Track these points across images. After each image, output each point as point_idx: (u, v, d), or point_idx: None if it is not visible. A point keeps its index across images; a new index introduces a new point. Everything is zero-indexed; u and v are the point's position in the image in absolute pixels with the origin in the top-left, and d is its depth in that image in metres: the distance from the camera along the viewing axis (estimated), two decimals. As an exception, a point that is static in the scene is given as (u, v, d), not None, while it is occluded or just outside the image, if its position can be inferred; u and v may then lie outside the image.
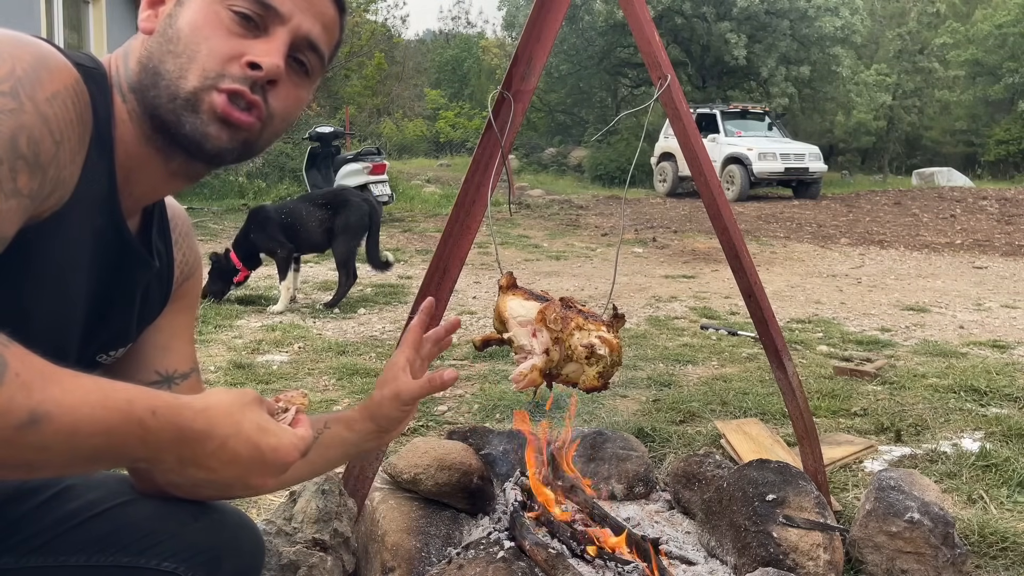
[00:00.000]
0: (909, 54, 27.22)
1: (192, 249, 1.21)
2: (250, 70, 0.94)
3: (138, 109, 0.96)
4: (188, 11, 0.96)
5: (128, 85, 0.96)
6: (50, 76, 0.81)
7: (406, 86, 34.96)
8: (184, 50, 0.94)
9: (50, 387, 0.68)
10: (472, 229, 1.80)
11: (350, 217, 5.85)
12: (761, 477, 2.06)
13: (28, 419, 0.66)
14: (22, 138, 0.77)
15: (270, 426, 0.84)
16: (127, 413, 0.72)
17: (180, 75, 0.94)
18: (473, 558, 1.81)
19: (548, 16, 1.76)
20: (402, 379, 1.22)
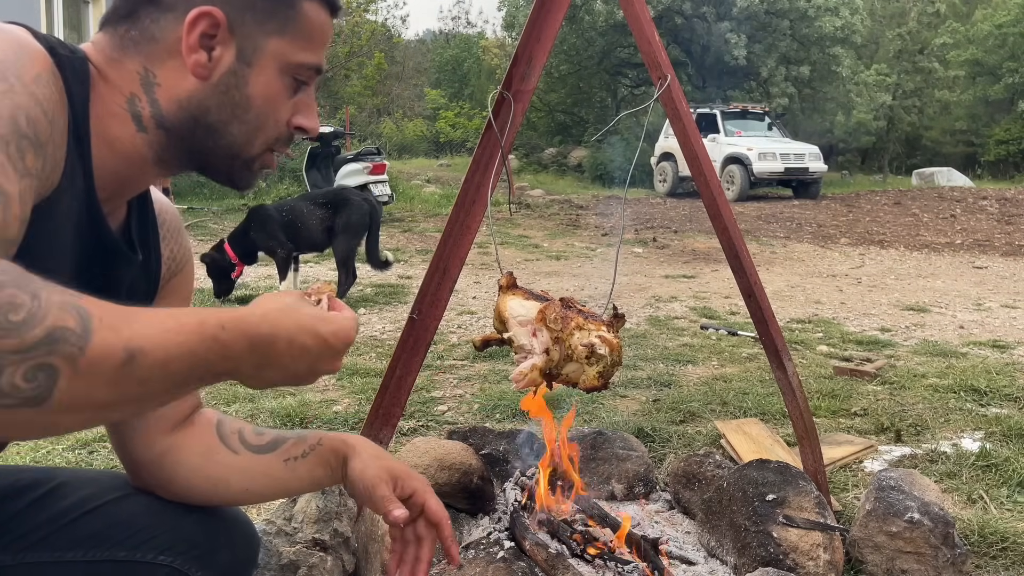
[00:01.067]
0: (909, 54, 27.21)
1: (181, 245, 1.19)
2: (296, 131, 1.00)
3: (165, 143, 0.95)
4: (260, 81, 0.95)
5: (155, 120, 0.93)
6: (31, 59, 0.81)
7: (406, 86, 34.96)
8: (253, 119, 0.96)
9: (133, 324, 0.70)
10: (472, 229, 1.80)
11: (351, 216, 5.84)
12: (761, 477, 2.06)
13: (126, 357, 0.69)
14: (21, 117, 0.77)
15: (325, 314, 0.86)
16: (202, 333, 0.75)
17: (247, 141, 0.97)
18: (473, 558, 1.81)
19: (548, 16, 1.76)
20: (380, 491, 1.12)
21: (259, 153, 0.99)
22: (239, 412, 3.20)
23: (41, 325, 0.64)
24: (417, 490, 1.14)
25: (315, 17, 0.98)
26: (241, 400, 3.41)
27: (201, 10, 0.91)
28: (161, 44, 0.92)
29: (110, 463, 2.65)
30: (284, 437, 1.18)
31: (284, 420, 3.14)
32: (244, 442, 1.16)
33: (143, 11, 0.93)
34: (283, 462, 1.15)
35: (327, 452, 1.16)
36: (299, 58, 0.97)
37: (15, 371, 0.63)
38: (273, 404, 3.32)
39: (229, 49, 0.93)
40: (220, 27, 0.92)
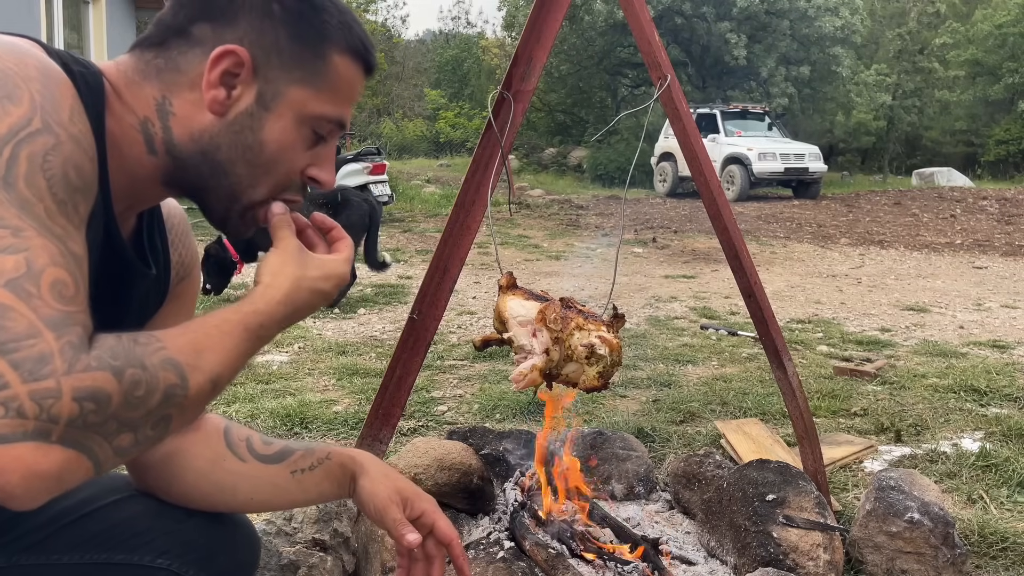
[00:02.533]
0: (909, 54, 27.20)
1: (189, 249, 1.19)
2: (310, 181, 1.00)
3: (172, 170, 0.94)
4: (276, 127, 0.94)
5: (165, 145, 0.93)
6: (60, 91, 0.80)
7: (406, 86, 34.96)
8: (263, 163, 0.95)
9: (205, 355, 0.82)
10: (472, 229, 1.80)
11: (351, 216, 5.84)
12: (761, 477, 2.06)
13: (212, 387, 0.83)
14: (71, 171, 0.77)
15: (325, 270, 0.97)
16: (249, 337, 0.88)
17: (251, 184, 0.96)
18: (473, 558, 1.81)
19: (548, 16, 1.76)
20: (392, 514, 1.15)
21: (262, 200, 0.98)
22: (239, 412, 3.20)
23: (157, 391, 0.77)
24: (426, 511, 1.16)
25: (344, 72, 0.96)
26: (241, 400, 3.41)
27: (227, 48, 0.90)
28: (183, 75, 0.92)
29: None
30: (292, 449, 1.18)
31: (284, 420, 3.14)
32: (252, 451, 1.17)
33: (173, 42, 0.93)
34: (290, 473, 1.16)
35: (335, 467, 1.17)
36: (320, 110, 0.95)
37: (144, 428, 0.78)
38: (273, 404, 3.32)
39: (250, 90, 0.92)
40: (244, 67, 0.91)
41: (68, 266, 0.75)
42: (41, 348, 0.69)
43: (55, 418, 0.69)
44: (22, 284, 0.70)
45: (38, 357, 0.69)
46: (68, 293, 0.73)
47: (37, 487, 0.70)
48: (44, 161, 0.75)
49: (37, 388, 0.68)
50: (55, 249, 0.74)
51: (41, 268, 0.72)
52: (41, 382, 0.68)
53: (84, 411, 0.71)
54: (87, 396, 0.71)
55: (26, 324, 0.69)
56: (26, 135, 0.74)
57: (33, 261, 0.71)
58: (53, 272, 0.73)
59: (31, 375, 0.68)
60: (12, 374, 0.68)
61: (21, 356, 0.68)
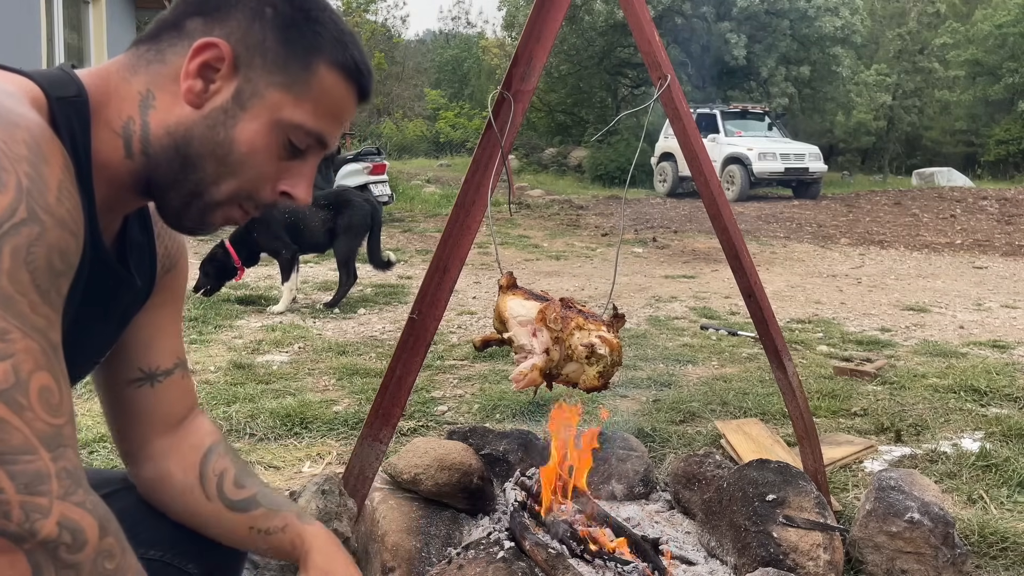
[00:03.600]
0: (909, 54, 27.21)
1: (175, 241, 1.18)
2: (280, 196, 0.98)
3: (143, 170, 0.93)
4: (249, 127, 0.92)
5: (141, 144, 0.92)
6: (48, 164, 0.78)
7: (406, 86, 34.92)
8: (231, 162, 0.93)
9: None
10: (472, 229, 1.80)
11: (353, 217, 5.86)
12: (761, 477, 2.06)
13: None
14: (55, 258, 0.77)
15: None
16: None
17: (214, 181, 0.94)
18: (473, 558, 1.81)
19: (548, 16, 1.76)
20: None
21: (222, 201, 0.95)
22: (239, 412, 3.20)
23: None
24: None
25: (330, 87, 0.95)
26: (241, 400, 3.41)
27: (209, 40, 0.90)
28: (169, 67, 0.92)
29: (110, 463, 2.65)
30: (257, 503, 1.17)
31: (284, 420, 3.14)
32: (220, 491, 1.16)
33: (165, 34, 0.93)
34: (248, 528, 1.16)
35: (285, 543, 1.17)
36: (298, 119, 0.94)
37: None
38: (273, 404, 3.32)
39: (229, 86, 0.92)
40: (224, 62, 0.91)
41: (51, 366, 0.77)
42: (38, 466, 0.73)
43: (34, 532, 0.73)
44: (13, 396, 0.72)
45: (35, 473, 0.73)
46: (54, 401, 0.76)
47: None
48: (28, 254, 0.74)
49: (29, 501, 0.72)
50: (38, 349, 0.75)
51: (28, 375, 0.74)
52: (35, 497, 0.73)
53: (61, 539, 0.74)
54: (70, 528, 0.75)
55: (21, 439, 0.72)
56: (10, 227, 0.73)
57: (20, 368, 0.73)
58: (39, 379, 0.75)
59: (27, 488, 0.72)
60: (8, 483, 0.71)
61: (19, 469, 0.72)
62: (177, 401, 1.18)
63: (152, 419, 1.16)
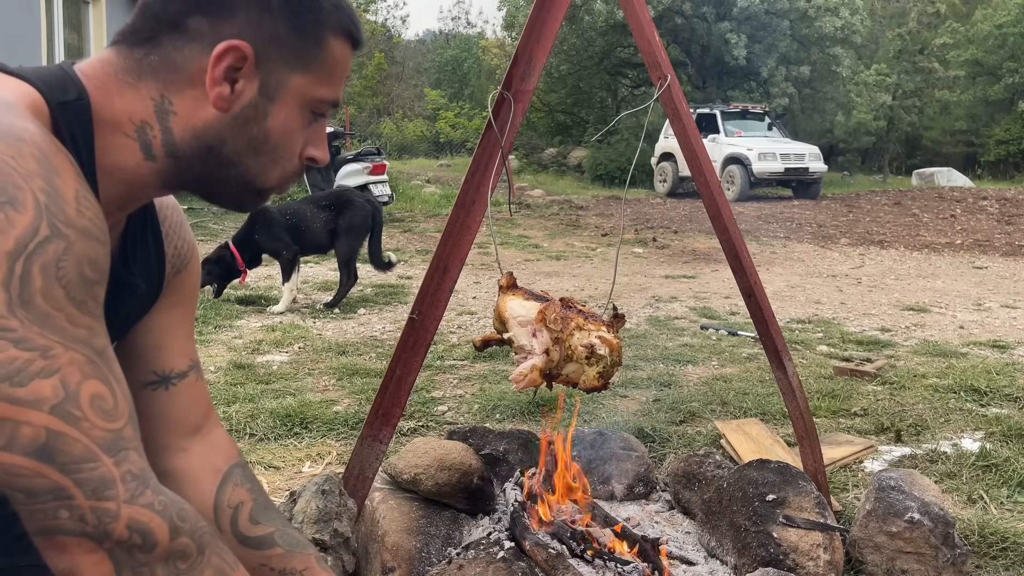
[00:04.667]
0: (909, 54, 27.18)
1: (185, 240, 1.16)
2: (308, 161, 1.01)
3: (173, 171, 0.94)
4: (280, 115, 0.94)
5: (165, 148, 0.92)
6: (60, 176, 0.77)
7: (406, 86, 34.93)
8: (271, 151, 0.96)
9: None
10: (472, 229, 1.80)
11: (354, 218, 5.87)
12: (761, 477, 2.06)
13: None
14: (86, 269, 0.77)
15: None
16: None
17: (261, 173, 0.97)
18: (473, 558, 1.81)
19: (548, 16, 1.76)
20: None
21: (275, 186, 1.00)
22: (239, 412, 3.20)
23: (207, 570, 0.82)
24: None
25: (338, 54, 0.97)
26: (241, 400, 3.41)
27: (230, 44, 0.89)
28: (182, 73, 0.91)
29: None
30: (275, 541, 1.15)
31: (284, 420, 3.14)
32: (234, 524, 1.15)
33: (166, 37, 0.91)
34: (260, 565, 1.14)
35: None
36: (320, 94, 0.96)
37: None
38: (273, 404, 3.32)
39: (252, 83, 0.92)
40: (247, 61, 0.91)
41: (99, 373, 0.77)
42: (102, 472, 0.74)
43: (108, 533, 0.75)
44: (66, 409, 0.73)
45: (100, 479, 0.74)
46: (108, 406, 0.76)
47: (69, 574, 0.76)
48: (58, 270, 0.74)
49: (98, 506, 0.74)
50: (83, 359, 0.75)
51: (77, 387, 0.74)
52: (103, 502, 0.74)
53: (132, 540, 0.76)
54: (139, 529, 0.76)
55: (82, 448, 0.73)
56: (35, 246, 0.72)
57: (68, 382, 0.73)
58: (88, 387, 0.75)
59: (94, 494, 0.74)
60: (76, 490, 0.73)
61: (84, 477, 0.73)
62: (193, 405, 1.17)
63: (168, 424, 1.14)
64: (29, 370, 0.71)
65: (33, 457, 0.71)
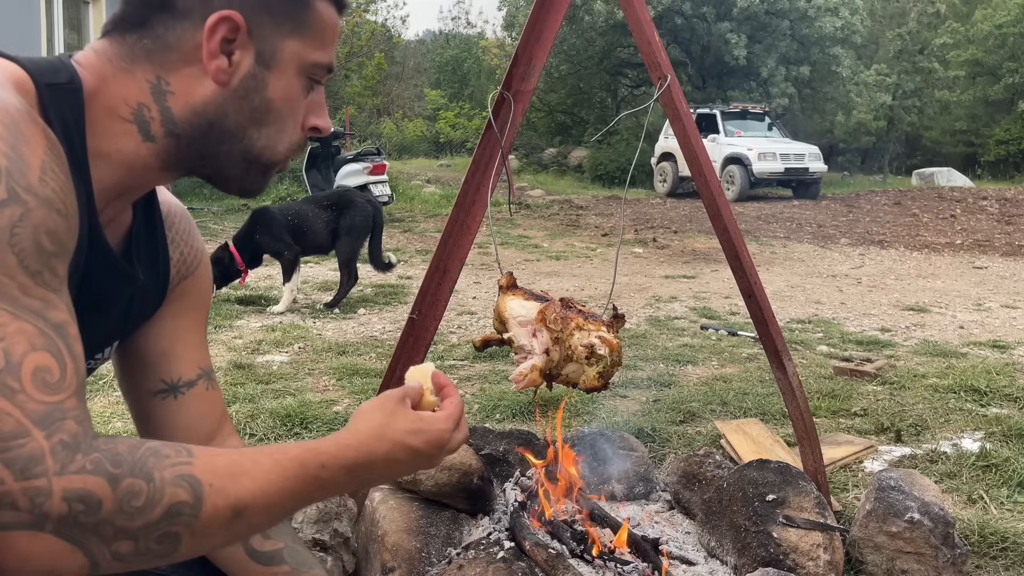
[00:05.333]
0: (909, 54, 27.18)
1: (192, 247, 1.15)
2: (311, 131, 1.00)
3: (174, 150, 0.93)
4: (279, 83, 0.94)
5: (165, 128, 0.91)
6: (28, 145, 0.76)
7: (406, 86, 34.94)
8: (274, 122, 0.95)
9: (240, 480, 0.80)
10: (472, 229, 1.80)
11: (355, 218, 5.87)
12: (761, 477, 2.06)
13: (233, 514, 0.79)
14: (43, 238, 0.75)
15: (419, 424, 0.93)
16: (303, 476, 0.84)
17: (266, 145, 0.96)
18: (473, 558, 1.81)
19: (548, 16, 1.76)
20: None
21: (282, 159, 0.98)
22: (239, 412, 3.20)
23: (160, 505, 0.75)
24: None
25: (327, 16, 0.97)
26: (241, 400, 3.41)
27: (221, 15, 0.89)
28: (176, 52, 0.90)
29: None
30: (283, 559, 1.13)
31: (284, 420, 3.14)
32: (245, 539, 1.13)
33: (156, 19, 0.91)
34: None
35: None
36: (314, 58, 0.96)
37: (147, 540, 0.76)
38: (273, 404, 3.32)
39: (248, 53, 0.92)
40: (240, 31, 0.90)
41: (49, 346, 0.74)
42: (31, 448, 0.70)
43: (46, 514, 0.71)
44: (4, 380, 0.70)
45: (29, 456, 0.70)
46: (52, 379, 0.73)
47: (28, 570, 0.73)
48: (12, 236, 0.72)
49: (29, 486, 0.70)
50: (33, 330, 0.73)
51: (20, 358, 0.71)
52: (33, 481, 0.70)
53: (73, 511, 0.72)
54: (77, 498, 0.72)
55: (13, 423, 0.70)
56: None
57: (11, 351, 0.71)
58: (33, 359, 0.72)
59: (23, 474, 0.70)
60: (5, 471, 0.70)
61: (12, 456, 0.70)
62: (203, 414, 1.14)
63: (178, 434, 1.11)
64: None
65: None
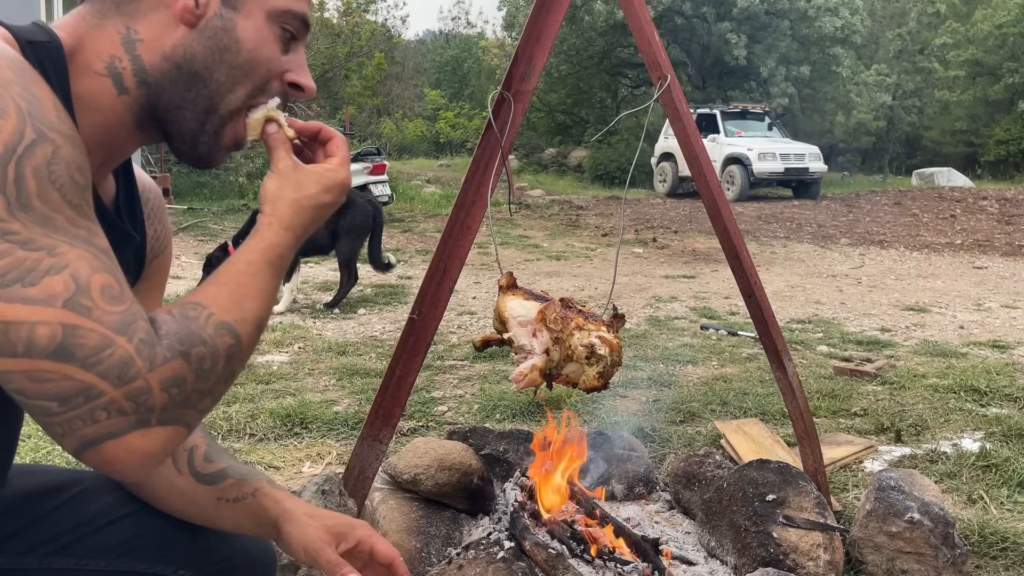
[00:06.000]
0: (909, 54, 27.18)
1: (164, 226, 1.18)
2: (291, 88, 0.99)
3: (145, 101, 0.93)
4: (248, 25, 0.94)
5: (136, 77, 0.92)
6: (38, 86, 0.79)
7: (406, 86, 34.94)
8: (242, 63, 0.95)
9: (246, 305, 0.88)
10: (472, 229, 1.80)
11: (355, 218, 5.86)
12: (761, 477, 2.06)
13: (258, 332, 0.89)
14: (76, 173, 0.78)
15: (323, 182, 0.97)
16: (273, 272, 0.92)
17: (229, 88, 0.95)
18: (473, 558, 1.81)
19: (548, 16, 1.76)
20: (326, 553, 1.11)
21: (235, 109, 0.96)
22: (239, 412, 3.20)
23: (220, 358, 0.84)
24: (362, 538, 1.12)
25: None
26: (241, 400, 3.41)
27: None
28: (144, 1, 0.92)
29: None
30: (227, 474, 1.15)
31: (284, 420, 3.14)
32: (191, 464, 1.14)
33: None
34: (216, 499, 1.13)
35: (256, 507, 1.14)
36: (283, 5, 0.96)
37: (220, 389, 0.86)
38: (273, 404, 3.32)
39: None
40: None
41: (105, 266, 0.78)
42: (120, 354, 0.76)
43: (151, 408, 0.78)
44: (78, 301, 0.75)
45: (120, 363, 0.76)
46: (116, 293, 0.78)
47: (149, 464, 0.80)
48: (50, 173, 0.75)
49: (130, 389, 0.76)
50: (89, 255, 0.77)
51: (87, 279, 0.76)
52: (131, 384, 0.76)
53: (171, 396, 0.79)
54: (171, 384, 0.79)
55: (98, 337, 0.75)
56: (24, 150, 0.74)
57: (78, 275, 0.75)
58: (98, 279, 0.77)
59: (120, 380, 0.76)
60: (103, 383, 0.75)
61: (105, 367, 0.75)
62: None
63: None
64: (39, 269, 0.73)
65: (54, 359, 0.73)
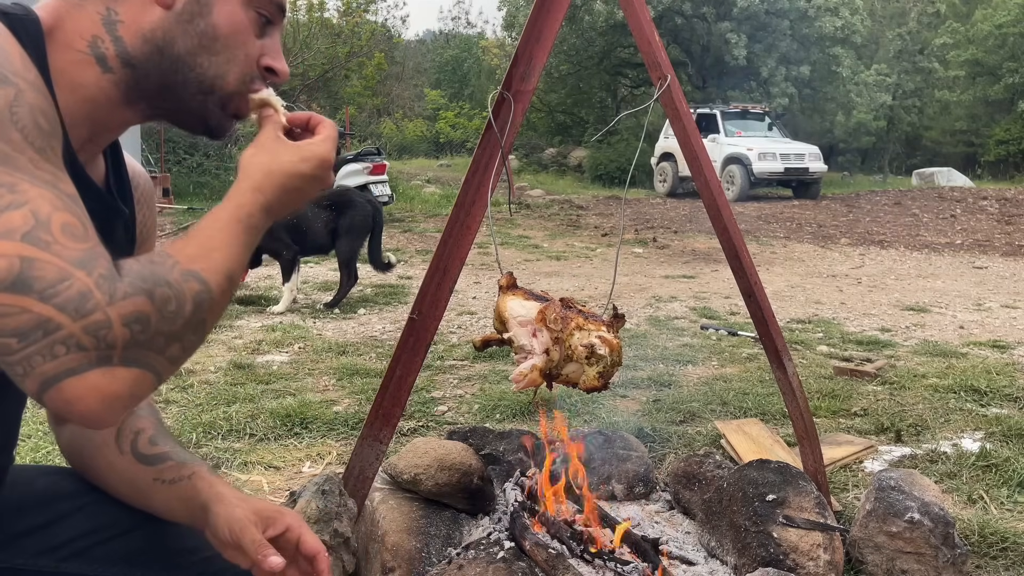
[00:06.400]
0: (909, 54, 27.17)
1: (152, 213, 1.19)
2: (266, 72, 1.00)
3: (132, 81, 0.93)
4: (224, 8, 0.95)
5: (120, 58, 0.92)
6: (4, 38, 0.80)
7: (406, 86, 34.93)
8: (223, 50, 0.96)
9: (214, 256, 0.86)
10: (472, 229, 1.80)
11: (354, 218, 5.86)
12: (761, 477, 2.06)
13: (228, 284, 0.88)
14: (39, 118, 0.78)
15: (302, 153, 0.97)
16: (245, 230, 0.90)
17: (219, 75, 0.96)
18: (473, 558, 1.81)
19: (548, 16, 1.76)
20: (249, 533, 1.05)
21: (235, 90, 0.98)
22: (239, 412, 3.20)
23: (187, 302, 0.82)
24: (291, 526, 1.07)
25: None
26: (241, 400, 3.41)
27: None
28: None
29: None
30: (168, 457, 1.12)
31: (284, 420, 3.14)
32: (134, 445, 1.13)
33: None
34: (152, 480, 1.11)
35: (190, 489, 1.10)
36: None
37: (188, 335, 0.83)
38: (273, 404, 3.32)
39: None
40: None
41: (69, 207, 0.77)
42: (78, 287, 0.74)
43: (111, 344, 0.76)
44: (37, 235, 0.73)
45: (78, 295, 0.74)
46: (78, 232, 0.77)
47: (114, 406, 0.78)
48: (12, 114, 0.75)
49: (88, 323, 0.74)
50: (51, 195, 0.76)
51: (47, 216, 0.75)
52: (90, 316, 0.74)
53: (133, 333, 0.77)
54: (132, 319, 0.77)
55: (55, 269, 0.73)
56: None
57: (38, 211, 0.74)
58: (59, 217, 0.76)
59: (78, 312, 0.74)
60: (61, 316, 0.73)
61: (63, 299, 0.73)
62: None
63: None
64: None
65: (11, 291, 0.72)
